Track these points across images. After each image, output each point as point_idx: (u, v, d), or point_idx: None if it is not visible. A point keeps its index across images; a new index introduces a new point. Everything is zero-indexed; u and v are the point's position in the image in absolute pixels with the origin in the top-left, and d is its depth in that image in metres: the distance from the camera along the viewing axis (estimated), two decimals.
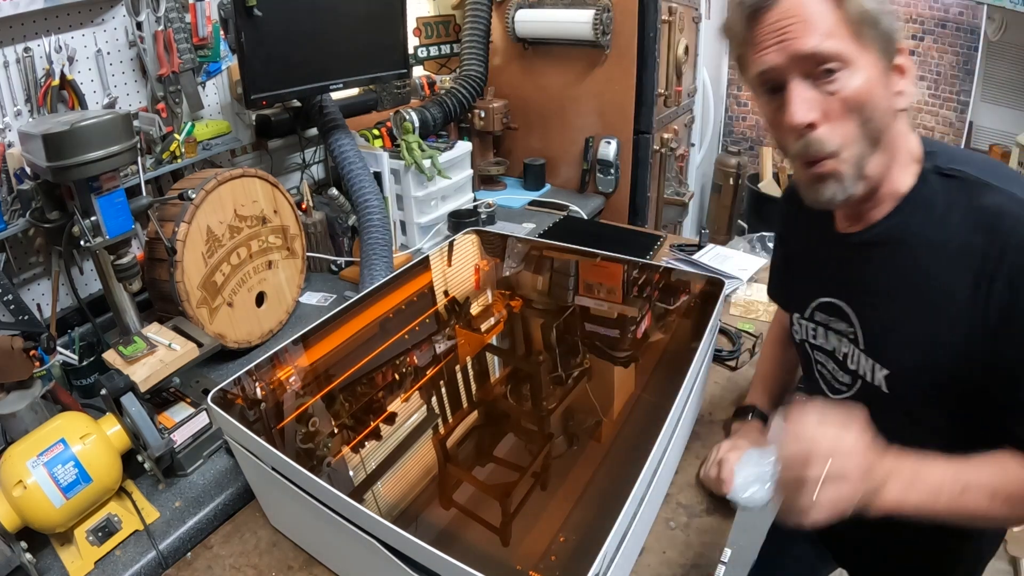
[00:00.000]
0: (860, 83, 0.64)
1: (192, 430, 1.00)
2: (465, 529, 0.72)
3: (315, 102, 1.58)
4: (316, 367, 0.99)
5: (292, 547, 0.89)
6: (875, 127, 0.66)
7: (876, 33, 0.64)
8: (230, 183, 1.23)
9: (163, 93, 1.37)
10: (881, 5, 0.64)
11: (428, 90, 2.09)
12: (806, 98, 0.65)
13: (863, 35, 0.64)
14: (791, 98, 0.66)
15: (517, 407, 0.97)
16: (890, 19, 0.65)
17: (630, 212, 2.18)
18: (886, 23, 0.65)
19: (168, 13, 1.31)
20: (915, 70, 0.69)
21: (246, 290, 1.30)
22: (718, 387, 1.19)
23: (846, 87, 0.64)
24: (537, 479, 0.79)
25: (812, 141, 0.66)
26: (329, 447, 0.83)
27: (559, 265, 1.30)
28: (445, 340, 1.09)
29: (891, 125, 0.67)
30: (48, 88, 1.18)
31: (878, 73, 0.65)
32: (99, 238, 0.99)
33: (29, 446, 0.83)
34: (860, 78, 0.64)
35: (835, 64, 0.64)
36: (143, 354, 1.03)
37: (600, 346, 1.08)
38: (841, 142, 0.66)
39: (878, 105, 0.65)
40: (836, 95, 0.65)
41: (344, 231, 1.68)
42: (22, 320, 0.98)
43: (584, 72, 2.05)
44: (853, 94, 0.64)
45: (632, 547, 0.75)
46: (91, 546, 0.87)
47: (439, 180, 1.73)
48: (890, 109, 0.67)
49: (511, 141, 2.28)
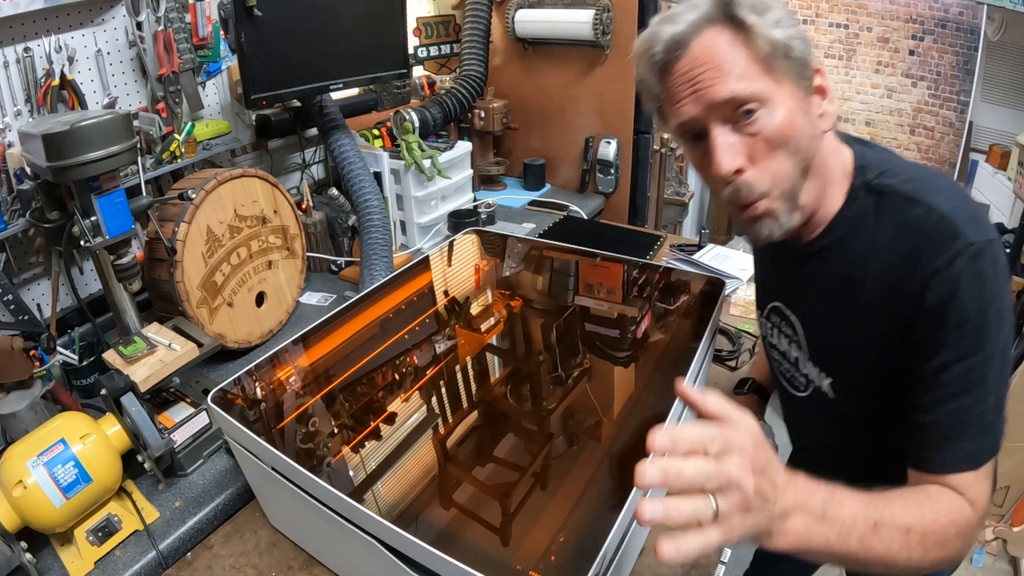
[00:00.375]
0: (780, 119, 0.64)
1: (192, 430, 1.00)
2: (465, 529, 0.72)
3: (315, 102, 1.58)
4: (316, 367, 0.99)
5: (292, 547, 0.89)
6: (802, 157, 0.66)
7: (788, 63, 0.64)
8: (230, 183, 1.23)
9: (163, 93, 1.37)
10: (790, 31, 0.64)
11: (428, 90, 2.08)
12: (730, 144, 0.65)
13: (775, 69, 0.64)
14: (714, 147, 0.66)
15: (517, 407, 0.97)
16: (802, 44, 0.64)
17: (630, 212, 2.18)
18: (798, 49, 0.64)
19: (168, 13, 1.31)
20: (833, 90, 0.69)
21: (246, 290, 1.30)
22: (718, 387, 1.19)
23: (767, 126, 0.64)
24: (537, 479, 0.79)
25: (741, 186, 0.66)
26: (329, 447, 0.83)
27: (559, 265, 1.30)
28: (445, 340, 1.09)
29: (818, 150, 0.68)
30: (48, 88, 1.18)
31: (797, 103, 0.65)
32: (99, 238, 0.99)
33: (29, 446, 0.83)
34: (780, 113, 0.64)
35: (753, 105, 0.64)
36: (143, 354, 1.03)
37: (600, 346, 1.08)
38: (771, 181, 0.66)
39: (802, 135, 0.65)
40: (759, 135, 0.65)
41: (344, 231, 1.68)
42: (22, 320, 0.98)
43: (584, 72, 2.05)
44: (775, 131, 0.64)
45: (632, 547, 0.75)
46: (91, 546, 0.87)
47: (439, 180, 1.73)
48: (814, 135, 0.67)
49: (511, 141, 2.28)
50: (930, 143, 3.30)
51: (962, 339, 0.61)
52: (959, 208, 0.63)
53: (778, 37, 0.63)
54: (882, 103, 3.40)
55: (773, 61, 0.63)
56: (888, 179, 0.68)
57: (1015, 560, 1.89)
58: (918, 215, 0.64)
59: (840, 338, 0.74)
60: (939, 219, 0.62)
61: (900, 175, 0.68)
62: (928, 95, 3.18)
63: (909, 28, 3.12)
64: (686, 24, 0.65)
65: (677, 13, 0.67)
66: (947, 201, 0.64)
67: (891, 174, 0.69)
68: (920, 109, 3.23)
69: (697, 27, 0.65)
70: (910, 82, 3.27)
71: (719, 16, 0.64)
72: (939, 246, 0.62)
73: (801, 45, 0.64)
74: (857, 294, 0.70)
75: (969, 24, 2.94)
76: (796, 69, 0.65)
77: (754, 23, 0.63)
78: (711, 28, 0.65)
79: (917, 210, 0.64)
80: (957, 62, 3.03)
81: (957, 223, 0.61)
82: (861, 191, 0.70)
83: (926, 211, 0.63)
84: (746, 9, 0.63)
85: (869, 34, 3.31)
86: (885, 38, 3.28)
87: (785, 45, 0.63)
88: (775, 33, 0.63)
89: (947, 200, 0.64)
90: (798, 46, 0.64)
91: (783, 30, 0.63)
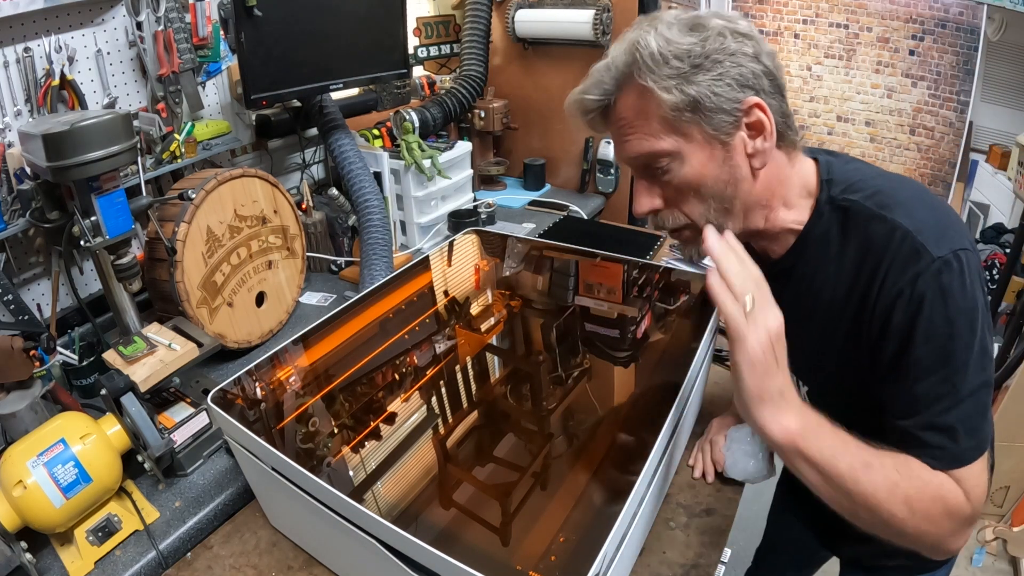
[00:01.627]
0: (687, 171, 0.69)
1: (192, 430, 1.00)
2: (465, 529, 0.72)
3: (315, 102, 1.58)
4: (316, 367, 0.99)
5: (292, 547, 0.89)
6: (718, 200, 0.70)
7: (699, 116, 0.66)
8: (230, 183, 1.23)
9: (163, 93, 1.37)
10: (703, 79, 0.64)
11: (428, 90, 2.08)
12: (646, 188, 0.73)
13: (682, 125, 0.67)
14: (635, 190, 0.75)
15: (517, 407, 0.97)
16: (722, 90, 0.64)
17: (630, 212, 2.18)
18: (713, 100, 0.64)
19: (168, 13, 1.31)
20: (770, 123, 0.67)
21: (246, 290, 1.30)
22: (718, 387, 1.19)
23: (676, 176, 0.69)
24: (537, 479, 0.79)
25: (659, 220, 0.75)
26: (329, 447, 0.83)
27: (559, 265, 1.30)
28: (445, 340, 1.09)
29: (742, 192, 0.70)
30: (48, 88, 1.18)
31: (707, 155, 0.68)
32: (99, 238, 0.99)
33: (29, 446, 0.83)
34: (688, 166, 0.68)
35: (663, 161, 0.69)
36: (143, 354, 1.03)
37: (600, 346, 1.08)
38: (685, 219, 0.73)
39: (714, 183, 0.69)
40: (670, 183, 0.70)
41: (344, 231, 1.68)
42: (22, 320, 0.98)
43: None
44: (683, 182, 0.69)
45: (632, 547, 0.75)
46: (91, 546, 0.87)
47: (439, 180, 1.73)
48: (735, 179, 0.69)
49: (511, 141, 2.28)
50: (930, 143, 3.30)
51: (932, 354, 0.62)
52: (923, 221, 0.64)
53: (679, 96, 0.64)
54: (882, 103, 3.39)
55: (679, 118, 0.66)
56: (852, 194, 0.69)
57: (1015, 560, 1.89)
58: (883, 232, 0.65)
59: (812, 353, 0.76)
60: (903, 236, 0.63)
61: (864, 189, 0.69)
62: (928, 95, 3.17)
63: (909, 28, 3.11)
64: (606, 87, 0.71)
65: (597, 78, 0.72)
66: (912, 214, 0.64)
67: (855, 188, 0.70)
68: (920, 109, 3.23)
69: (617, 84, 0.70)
70: (910, 82, 3.26)
71: (627, 78, 0.68)
72: (904, 264, 0.63)
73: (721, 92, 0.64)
74: (826, 312, 0.72)
75: (969, 24, 2.94)
76: (712, 120, 0.66)
77: (652, 85, 0.65)
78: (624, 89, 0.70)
79: (882, 227, 0.65)
80: (957, 62, 3.03)
81: (920, 239, 0.62)
82: (827, 207, 0.71)
83: (890, 228, 0.64)
84: (644, 70, 0.65)
85: (869, 34, 3.31)
86: (885, 38, 3.28)
87: (690, 101, 0.64)
88: (676, 92, 0.64)
89: (912, 213, 0.65)
90: (715, 95, 0.64)
91: (688, 84, 0.64)
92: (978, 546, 1.92)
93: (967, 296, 0.62)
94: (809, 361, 0.78)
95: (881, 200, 0.67)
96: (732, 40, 0.65)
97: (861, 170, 0.72)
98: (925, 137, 3.32)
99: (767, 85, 0.67)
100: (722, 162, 0.68)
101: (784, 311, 0.76)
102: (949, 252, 0.61)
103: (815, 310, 0.74)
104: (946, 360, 0.62)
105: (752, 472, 0.91)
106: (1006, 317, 2.02)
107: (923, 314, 0.62)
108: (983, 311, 0.63)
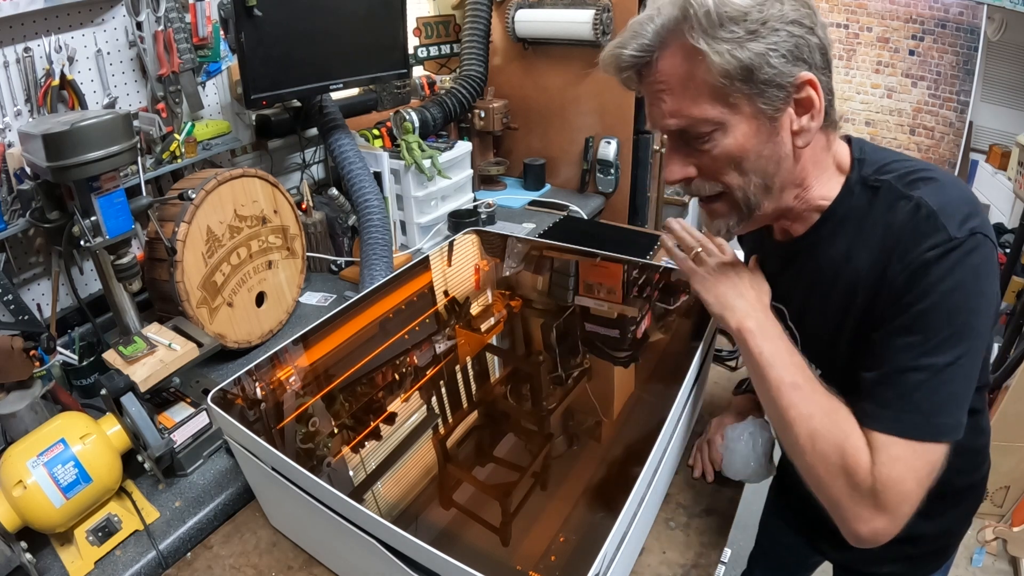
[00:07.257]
0: (730, 143, 0.64)
1: (192, 430, 1.00)
2: (465, 529, 0.72)
3: (315, 102, 1.58)
4: (316, 367, 0.99)
5: (292, 547, 0.89)
6: (758, 176, 0.66)
7: (751, 86, 0.61)
8: (230, 183, 1.23)
9: (163, 93, 1.37)
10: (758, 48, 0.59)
11: (428, 90, 2.08)
12: (679, 155, 0.69)
13: (733, 94, 0.61)
14: (667, 156, 0.70)
15: (517, 407, 0.97)
16: (777, 61, 0.60)
17: (630, 212, 2.18)
18: (767, 71, 0.60)
19: (168, 13, 1.31)
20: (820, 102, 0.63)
21: (246, 290, 1.30)
22: (718, 387, 1.19)
23: (716, 147, 0.65)
24: (537, 479, 0.79)
25: (691, 189, 0.71)
26: (329, 447, 0.83)
27: (559, 265, 1.30)
28: (445, 340, 1.09)
29: (783, 170, 0.67)
30: (48, 88, 1.18)
31: (754, 128, 0.64)
32: (99, 238, 0.99)
33: (29, 446, 0.83)
34: (731, 138, 0.64)
35: (704, 129, 0.64)
36: (143, 354, 1.03)
37: (600, 346, 1.08)
38: (722, 188, 0.69)
39: (756, 158, 0.65)
40: (708, 152, 0.66)
41: (344, 231, 1.68)
42: (22, 320, 0.98)
43: (584, 72, 2.04)
44: (723, 154, 0.65)
45: (632, 547, 0.75)
46: (91, 546, 0.87)
47: (439, 180, 1.73)
48: (776, 156, 0.66)
49: (511, 141, 2.28)
50: (930, 143, 3.30)
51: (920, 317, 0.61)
52: (948, 203, 0.62)
53: (733, 62, 0.59)
54: (882, 103, 3.39)
55: (730, 86, 0.61)
56: (884, 174, 0.68)
57: (1015, 560, 1.89)
58: (907, 210, 0.63)
59: (827, 334, 0.74)
60: (927, 214, 0.62)
61: (897, 170, 0.67)
62: (928, 95, 3.18)
63: (909, 28, 3.11)
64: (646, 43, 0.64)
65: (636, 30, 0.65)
66: (938, 194, 0.63)
67: (888, 169, 0.68)
68: (920, 109, 3.23)
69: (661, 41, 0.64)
70: (910, 82, 3.26)
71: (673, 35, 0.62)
72: (920, 238, 0.61)
73: (776, 62, 0.60)
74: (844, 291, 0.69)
75: (969, 24, 2.94)
76: (764, 90, 0.61)
77: (704, 48, 0.59)
78: (670, 47, 0.63)
79: (907, 205, 0.64)
80: (957, 62, 3.03)
81: (942, 218, 0.61)
82: (858, 186, 0.69)
83: (915, 206, 0.63)
84: (696, 29, 0.59)
85: (869, 34, 3.31)
86: (885, 38, 3.27)
87: (744, 68, 0.59)
88: (729, 58, 0.59)
89: (939, 193, 0.63)
90: (769, 65, 0.60)
91: (744, 50, 0.59)
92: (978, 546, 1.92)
93: (977, 280, 0.60)
94: (823, 343, 0.75)
95: (911, 180, 0.65)
96: (790, 7, 0.60)
97: (893, 154, 0.71)
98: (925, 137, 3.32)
99: (819, 60, 0.62)
100: (767, 138, 0.64)
101: (800, 291, 0.75)
102: (968, 234, 0.60)
103: (833, 289, 0.71)
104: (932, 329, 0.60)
105: (750, 472, 0.91)
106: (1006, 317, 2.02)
107: (928, 279, 0.60)
108: (989, 306, 0.61)
